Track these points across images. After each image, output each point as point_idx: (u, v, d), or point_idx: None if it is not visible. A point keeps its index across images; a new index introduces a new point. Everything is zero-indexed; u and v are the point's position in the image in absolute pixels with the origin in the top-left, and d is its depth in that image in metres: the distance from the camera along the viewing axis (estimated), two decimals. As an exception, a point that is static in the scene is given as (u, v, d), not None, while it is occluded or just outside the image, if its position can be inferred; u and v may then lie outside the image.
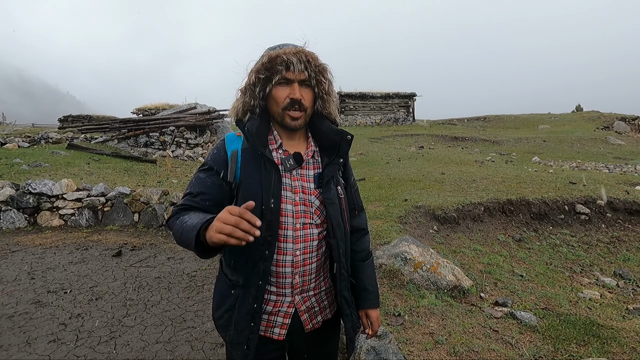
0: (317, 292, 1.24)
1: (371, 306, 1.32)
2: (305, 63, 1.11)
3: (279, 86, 1.12)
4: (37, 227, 5.70)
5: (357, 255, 1.33)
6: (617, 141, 16.49)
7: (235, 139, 1.20)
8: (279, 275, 1.16)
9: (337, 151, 1.20)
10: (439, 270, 3.12)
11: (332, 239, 1.18)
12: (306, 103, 1.14)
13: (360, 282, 1.31)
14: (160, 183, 7.74)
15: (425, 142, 16.37)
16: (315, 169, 1.21)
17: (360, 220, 1.36)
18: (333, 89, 1.21)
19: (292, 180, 1.16)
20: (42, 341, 2.71)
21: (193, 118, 13.06)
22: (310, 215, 1.17)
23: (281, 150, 1.18)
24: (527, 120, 25.61)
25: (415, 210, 4.91)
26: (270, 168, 1.13)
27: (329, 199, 1.17)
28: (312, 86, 1.15)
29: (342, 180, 1.26)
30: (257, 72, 1.12)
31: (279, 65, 1.09)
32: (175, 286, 3.70)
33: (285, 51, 1.10)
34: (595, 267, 4.27)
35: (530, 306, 2.95)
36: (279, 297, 1.18)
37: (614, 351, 2.21)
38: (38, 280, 3.79)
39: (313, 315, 1.24)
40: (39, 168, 8.02)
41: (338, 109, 1.25)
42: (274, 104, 1.15)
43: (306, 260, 1.17)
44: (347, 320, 1.25)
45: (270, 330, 1.19)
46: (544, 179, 6.70)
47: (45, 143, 12.40)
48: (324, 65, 1.15)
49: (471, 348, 2.18)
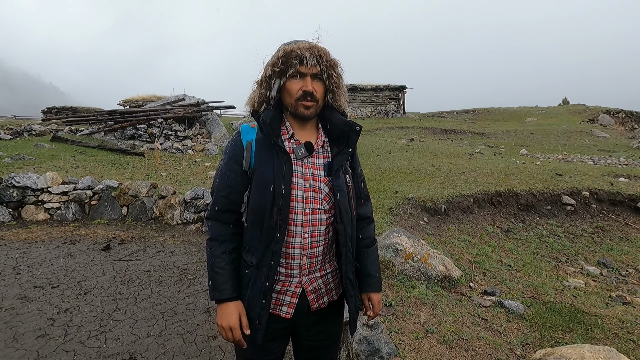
0: (324, 274, 1.31)
1: (374, 290, 1.39)
2: (317, 58, 1.18)
3: (293, 79, 1.19)
4: (22, 221, 5.57)
5: (362, 242, 1.39)
6: (601, 134, 16.84)
7: (249, 130, 1.27)
8: (288, 257, 1.23)
9: (346, 141, 1.27)
10: (430, 261, 3.16)
11: (340, 224, 1.24)
12: (318, 95, 1.21)
13: (364, 267, 1.38)
14: (148, 176, 7.63)
15: (416, 135, 16.45)
16: (325, 158, 1.28)
17: (366, 209, 1.43)
18: (343, 82, 1.27)
19: (303, 168, 1.24)
20: (29, 336, 2.67)
21: (182, 110, 12.84)
22: (320, 201, 1.24)
23: (293, 140, 1.25)
24: (515, 113, 25.93)
25: (405, 202, 4.95)
26: (282, 156, 1.20)
27: (337, 186, 1.24)
28: (323, 79, 1.22)
29: (350, 170, 1.32)
30: (272, 65, 1.19)
31: (293, 60, 1.16)
32: (165, 279, 3.67)
33: (299, 46, 1.17)
34: (580, 256, 4.38)
35: (517, 295, 3.02)
36: (287, 277, 1.25)
37: (598, 337, 2.28)
38: (24, 275, 3.72)
39: (319, 296, 1.31)
40: (22, 161, 7.81)
41: (347, 101, 1.31)
42: (288, 96, 1.22)
43: (314, 243, 1.24)
44: (351, 301, 1.33)
45: (278, 309, 1.26)
46: (532, 171, 6.81)
47: (28, 135, 12.07)
48: (335, 60, 1.22)
49: (461, 336, 2.22)
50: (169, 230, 5.34)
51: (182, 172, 8.38)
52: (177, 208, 5.66)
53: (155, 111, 12.69)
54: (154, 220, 5.68)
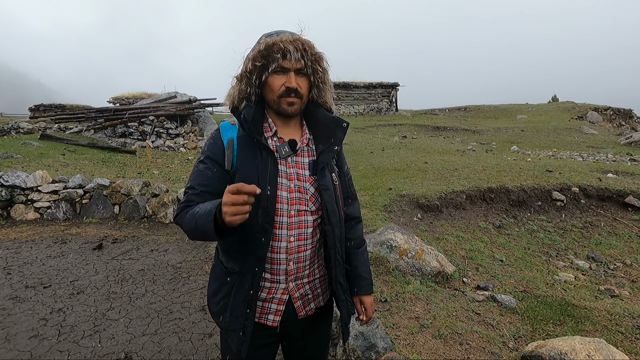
0: (311, 280, 1.25)
1: (365, 292, 1.33)
2: (301, 52, 1.10)
3: (276, 74, 1.11)
4: (11, 220, 5.48)
5: (351, 243, 1.33)
6: (590, 131, 17.13)
7: (230, 127, 1.19)
8: (274, 262, 1.16)
9: (332, 138, 1.21)
10: (424, 256, 3.20)
11: (327, 225, 1.18)
12: (302, 91, 1.14)
13: (354, 269, 1.32)
14: (140, 174, 7.55)
15: (408, 132, 16.54)
16: (310, 157, 1.21)
17: (354, 209, 1.37)
18: (329, 77, 1.20)
19: (287, 167, 1.17)
20: (22, 337, 2.63)
21: (173, 107, 12.72)
22: (305, 202, 1.18)
23: (276, 138, 1.18)
24: (506, 110, 26.20)
25: (399, 199, 4.98)
26: (266, 155, 1.13)
27: (323, 186, 1.18)
28: (308, 75, 1.15)
29: (336, 168, 1.27)
30: (253, 59, 1.11)
31: (275, 54, 1.08)
32: (160, 278, 3.65)
33: (282, 39, 1.08)
34: (569, 251, 4.46)
35: (510, 289, 3.07)
36: (273, 283, 1.18)
37: (588, 329, 2.34)
38: (15, 275, 3.66)
39: (306, 302, 1.24)
40: (10, 160, 7.66)
41: (333, 97, 1.24)
42: (270, 92, 1.14)
43: (300, 247, 1.17)
44: (343, 306, 1.27)
45: (264, 317, 1.20)
46: (523, 168, 6.91)
47: (15, 133, 11.83)
48: (320, 54, 1.15)
49: (455, 330, 2.25)
50: (162, 228, 5.30)
51: (174, 170, 8.31)
52: (170, 206, 5.62)
53: (146, 109, 12.54)
54: (147, 219, 5.63)
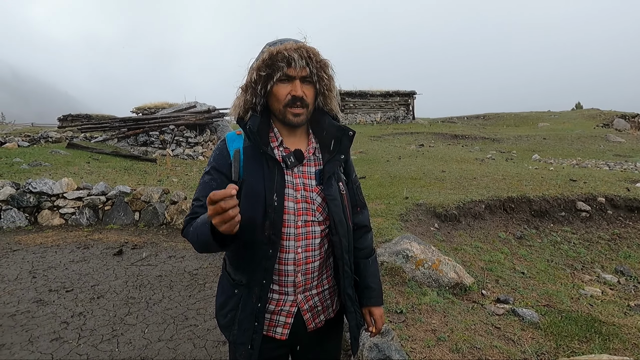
0: (320, 291, 1.23)
1: (374, 304, 1.30)
2: (306, 59, 1.09)
3: (281, 83, 1.10)
4: (38, 226, 5.70)
5: (360, 253, 1.31)
6: (617, 139, 16.49)
7: (235, 137, 1.19)
8: (281, 274, 1.15)
9: (338, 147, 1.19)
10: (441, 267, 3.13)
11: (335, 235, 1.17)
12: (308, 99, 1.13)
13: (363, 279, 1.30)
14: (160, 182, 7.74)
15: (425, 140, 16.36)
16: (317, 166, 1.20)
17: (363, 217, 1.35)
18: (334, 84, 1.18)
19: (293, 178, 1.16)
20: (44, 340, 2.71)
21: (193, 117, 13.04)
22: (312, 212, 1.16)
23: (282, 148, 1.17)
24: (527, 118, 25.59)
25: (416, 208, 4.91)
26: (273, 166, 1.12)
27: (330, 196, 1.16)
28: (313, 82, 1.13)
29: (343, 177, 1.25)
30: (258, 69, 1.10)
31: (280, 62, 1.07)
32: (176, 284, 3.70)
33: (286, 47, 1.07)
34: (596, 264, 4.27)
35: (531, 303, 2.96)
36: (281, 295, 1.17)
37: (616, 347, 2.22)
38: (39, 279, 3.79)
39: (315, 315, 1.22)
40: (39, 167, 8.01)
41: (339, 104, 1.23)
42: (275, 101, 1.13)
43: (308, 258, 1.16)
44: (352, 318, 1.24)
45: (272, 330, 1.18)
46: (545, 177, 6.70)
47: (45, 142, 12.39)
48: (325, 61, 1.13)
49: (473, 345, 2.18)
50: (180, 235, 5.39)
51: (193, 178, 8.48)
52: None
53: (167, 118, 12.91)
54: (166, 226, 5.75)
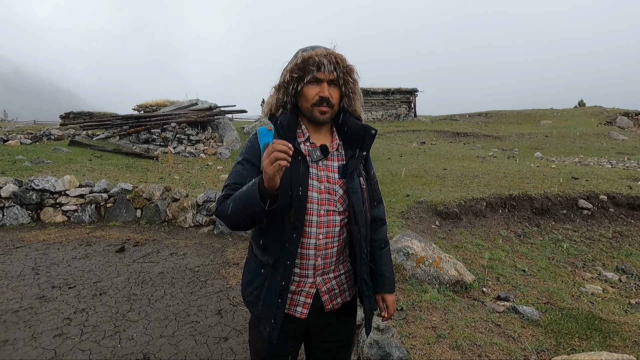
0: (337, 275, 1.33)
1: (387, 291, 1.41)
2: (334, 64, 1.21)
3: (310, 85, 1.23)
4: (41, 223, 5.73)
5: (376, 244, 1.41)
6: (619, 136, 16.43)
7: (266, 132, 1.30)
8: (303, 257, 1.26)
9: (360, 145, 1.30)
10: (441, 265, 3.13)
11: (354, 225, 1.27)
12: (333, 100, 1.25)
13: (377, 268, 1.41)
14: (162, 179, 7.76)
15: (427, 138, 16.33)
16: (339, 161, 1.31)
17: (379, 211, 1.45)
18: (359, 88, 1.31)
19: (318, 171, 1.26)
20: (47, 335, 2.73)
21: (194, 114, 13.05)
22: (334, 202, 1.27)
23: (308, 143, 1.29)
24: (529, 115, 25.51)
25: (417, 206, 4.91)
26: (298, 159, 1.22)
27: (352, 189, 1.27)
28: (339, 85, 1.26)
29: (364, 172, 1.35)
30: (290, 71, 1.23)
31: (311, 66, 1.20)
32: (178, 281, 3.72)
33: (317, 53, 1.21)
34: (597, 262, 4.27)
35: (532, 301, 2.96)
36: (302, 277, 1.28)
37: (616, 345, 2.22)
38: (42, 275, 3.82)
39: (333, 297, 1.33)
40: (41, 165, 8.04)
41: (362, 106, 1.34)
42: (305, 101, 1.25)
43: (328, 244, 1.27)
44: (366, 302, 1.34)
45: (293, 309, 1.29)
46: (546, 175, 6.68)
47: (47, 140, 12.42)
48: (351, 67, 1.26)
49: (473, 342, 2.19)
50: (182, 232, 5.41)
51: (194, 176, 8.50)
52: (189, 211, 5.74)
53: (168, 116, 12.93)
54: (167, 223, 5.77)
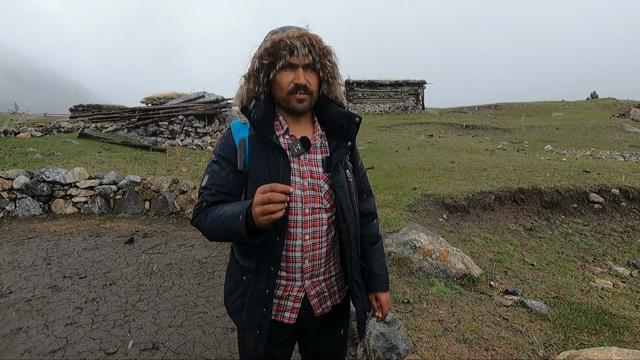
0: (327, 277, 1.24)
1: (381, 289, 1.31)
2: (309, 47, 1.08)
3: (283, 71, 1.10)
4: (52, 214, 5.83)
5: (367, 239, 1.32)
6: (633, 129, 16.06)
7: (241, 127, 1.19)
8: (289, 260, 1.16)
9: (344, 134, 1.18)
10: (449, 258, 3.11)
11: (342, 222, 1.16)
12: (311, 87, 1.12)
13: (370, 265, 1.31)
14: (170, 172, 7.81)
15: (435, 131, 16.16)
16: (323, 153, 1.20)
17: (369, 204, 1.35)
18: (338, 71, 1.18)
19: (300, 165, 1.15)
20: (59, 324, 2.80)
21: (201, 107, 13.08)
22: (320, 199, 1.16)
23: (288, 136, 1.17)
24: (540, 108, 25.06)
25: (424, 199, 4.87)
26: (278, 154, 1.12)
27: (338, 183, 1.16)
28: (316, 70, 1.13)
29: (350, 164, 1.25)
30: (260, 58, 1.10)
31: (282, 50, 1.06)
32: (186, 272, 3.77)
33: (288, 35, 1.07)
34: (608, 256, 4.20)
35: (540, 295, 2.93)
36: (289, 281, 1.18)
37: (627, 340, 2.19)
38: (54, 265, 3.89)
39: (322, 300, 1.24)
40: (51, 157, 8.15)
41: (344, 91, 1.21)
42: (279, 90, 1.13)
43: (315, 245, 1.17)
44: (358, 303, 1.25)
45: (280, 315, 1.20)
46: (557, 168, 6.57)
47: (57, 132, 12.58)
48: (328, 48, 1.12)
49: (480, 335, 2.18)
50: (190, 224, 5.47)
51: (201, 168, 8.54)
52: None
53: (176, 108, 12.98)
54: (175, 215, 5.83)
